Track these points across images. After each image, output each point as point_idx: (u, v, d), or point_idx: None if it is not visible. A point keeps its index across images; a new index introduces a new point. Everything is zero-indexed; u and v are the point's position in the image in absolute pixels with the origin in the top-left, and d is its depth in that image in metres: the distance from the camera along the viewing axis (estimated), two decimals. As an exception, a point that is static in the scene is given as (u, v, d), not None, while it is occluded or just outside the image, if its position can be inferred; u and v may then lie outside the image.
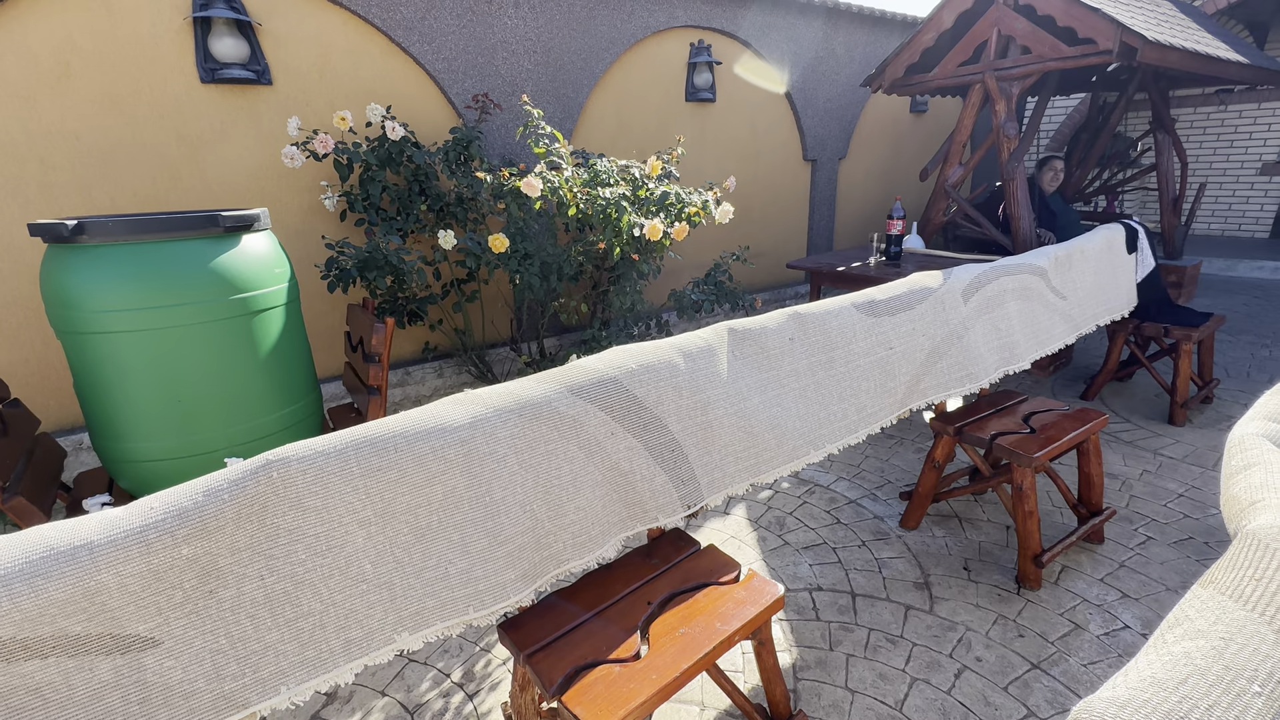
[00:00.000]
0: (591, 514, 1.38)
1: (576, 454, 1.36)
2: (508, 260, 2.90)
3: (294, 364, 2.12)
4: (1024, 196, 3.91)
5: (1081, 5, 3.24)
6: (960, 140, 4.16)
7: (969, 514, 2.50)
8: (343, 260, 2.88)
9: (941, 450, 2.26)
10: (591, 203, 2.77)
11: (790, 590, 2.11)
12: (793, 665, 1.80)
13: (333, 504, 1.09)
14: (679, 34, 4.62)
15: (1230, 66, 3.93)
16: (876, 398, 2.01)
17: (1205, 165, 7.49)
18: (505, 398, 1.29)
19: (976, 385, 2.19)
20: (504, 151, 3.93)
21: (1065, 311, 2.80)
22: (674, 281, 4.97)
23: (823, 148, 5.74)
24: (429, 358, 3.97)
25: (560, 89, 4.08)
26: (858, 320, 1.97)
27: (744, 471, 1.68)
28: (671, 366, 1.54)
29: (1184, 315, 3.41)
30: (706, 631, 1.28)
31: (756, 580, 1.45)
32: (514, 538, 1.26)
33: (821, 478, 2.84)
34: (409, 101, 3.60)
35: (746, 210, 5.39)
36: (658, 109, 4.65)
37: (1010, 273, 2.49)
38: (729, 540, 2.42)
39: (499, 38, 3.76)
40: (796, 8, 5.19)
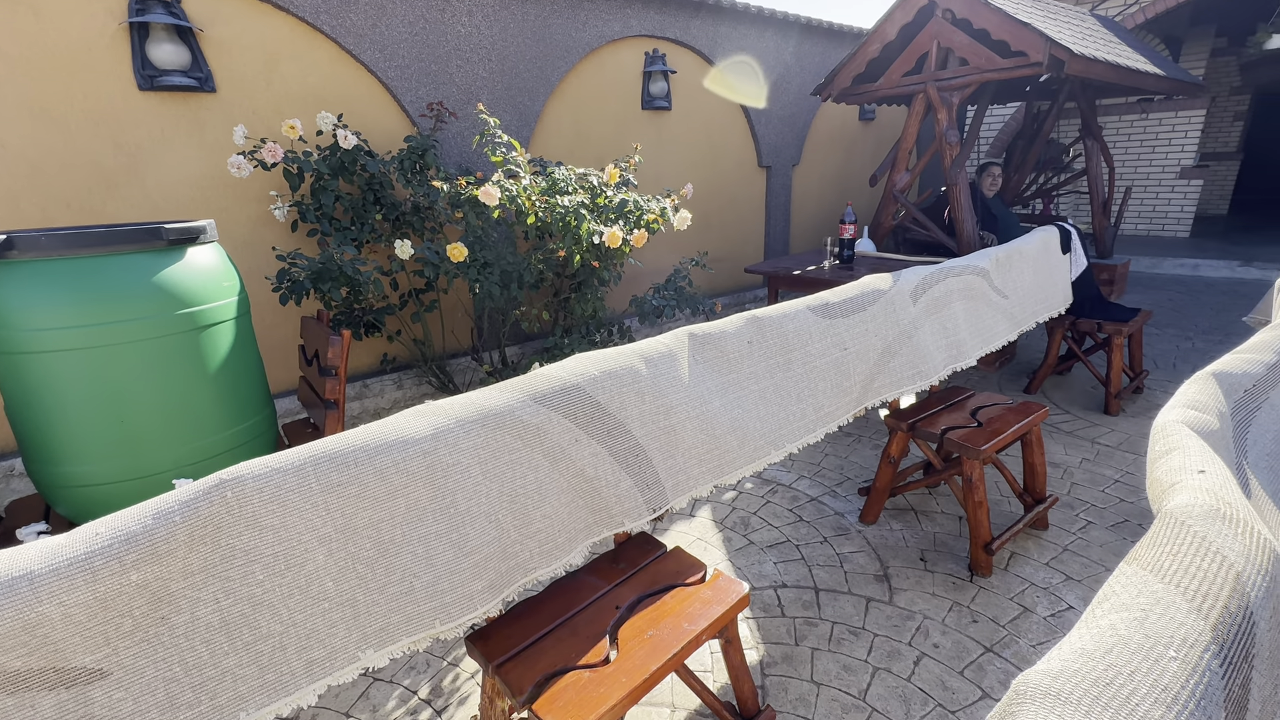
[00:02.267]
0: (558, 521, 1.38)
1: (541, 462, 1.36)
2: (467, 269, 2.88)
3: (245, 379, 2.05)
4: (967, 200, 4.09)
5: (1014, 20, 3.42)
6: (906, 147, 4.32)
7: (924, 506, 2.60)
8: (295, 272, 2.81)
9: (896, 446, 2.34)
10: (551, 211, 2.77)
11: (756, 589, 2.15)
12: (760, 662, 1.84)
13: (291, 522, 1.07)
14: (634, 43, 4.67)
15: (1148, 78, 4.21)
16: (833, 397, 2.08)
17: (1130, 169, 7.97)
18: (468, 408, 1.28)
19: (927, 382, 2.28)
20: (460, 160, 3.90)
21: (1007, 310, 2.94)
22: (635, 288, 5.00)
23: (777, 154, 5.88)
24: (388, 369, 3.90)
25: (516, 97, 4.08)
26: (813, 322, 2.03)
27: (708, 473, 1.71)
28: (634, 372, 1.56)
29: (1115, 311, 3.62)
30: (674, 632, 1.30)
31: (722, 580, 1.47)
32: (480, 548, 1.25)
33: (784, 477, 2.90)
34: (361, 109, 3.54)
35: (704, 216, 5.47)
36: (614, 117, 4.69)
37: (955, 274, 2.60)
38: (695, 542, 2.45)
39: (453, 45, 3.74)
40: (748, 18, 5.31)
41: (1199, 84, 4.98)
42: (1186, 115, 7.51)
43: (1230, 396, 1.42)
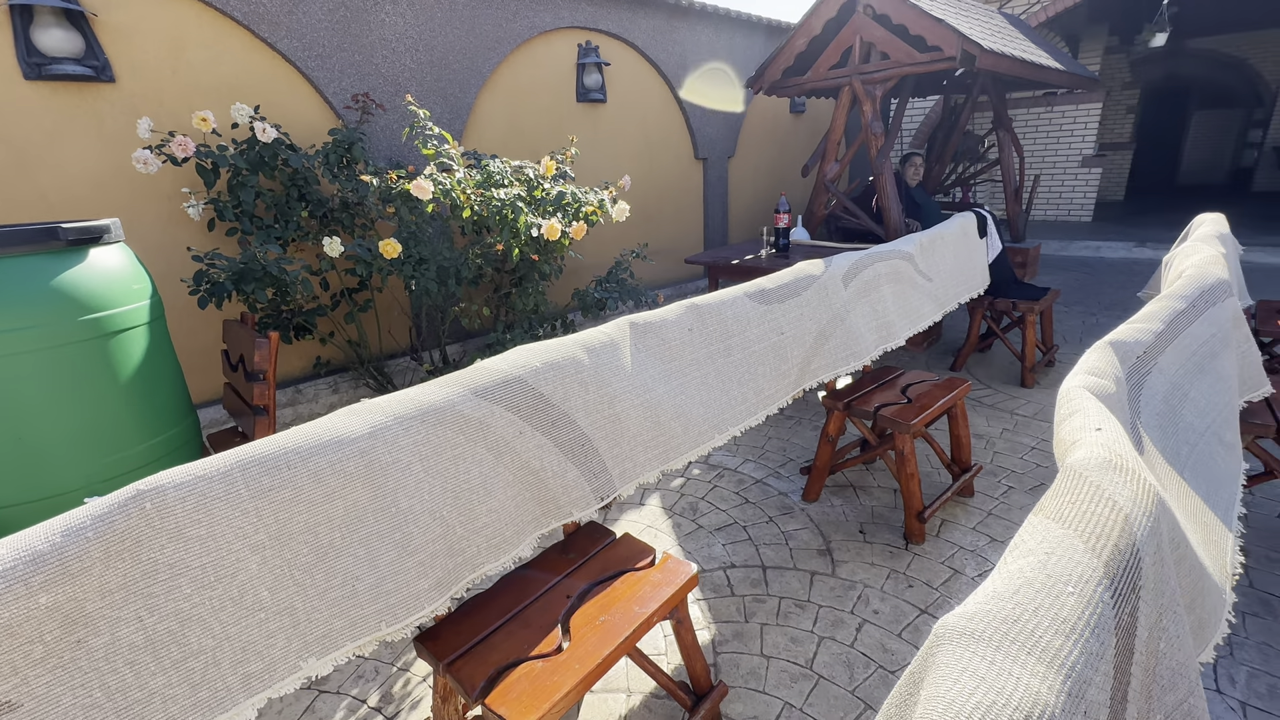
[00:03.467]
0: (504, 515, 1.37)
1: (485, 456, 1.35)
2: (401, 266, 2.79)
3: (162, 388, 1.93)
4: (893, 189, 4.27)
5: (929, 16, 3.58)
6: (834, 139, 4.47)
7: (862, 482, 2.72)
8: (214, 273, 2.66)
9: (833, 425, 2.44)
10: (486, 204, 2.72)
11: (706, 570, 2.20)
12: (712, 640, 1.89)
13: (220, 531, 1.02)
14: (566, 35, 4.63)
15: (1051, 72, 4.50)
16: (772, 380, 2.14)
17: (1038, 159, 8.52)
18: (406, 404, 1.26)
19: (860, 363, 2.38)
20: (391, 153, 3.77)
21: (932, 292, 3.09)
22: (577, 281, 4.98)
23: (712, 147, 5.96)
24: (322, 373, 3.74)
25: (447, 89, 3.97)
26: (751, 309, 2.09)
27: (654, 460, 1.73)
28: (576, 362, 1.56)
29: (1027, 291, 3.88)
30: (625, 617, 1.32)
31: (671, 562, 1.50)
32: (425, 546, 1.23)
33: (730, 461, 2.97)
34: (281, 101, 3.36)
35: (644, 208, 5.50)
36: (549, 109, 4.64)
37: (883, 258, 2.72)
38: (646, 529, 2.47)
39: (377, 35, 3.60)
40: (679, 12, 5.36)
41: (1095, 78, 5.37)
42: (1086, 108, 8.08)
43: (1125, 363, 1.55)
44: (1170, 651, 0.75)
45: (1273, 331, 2.97)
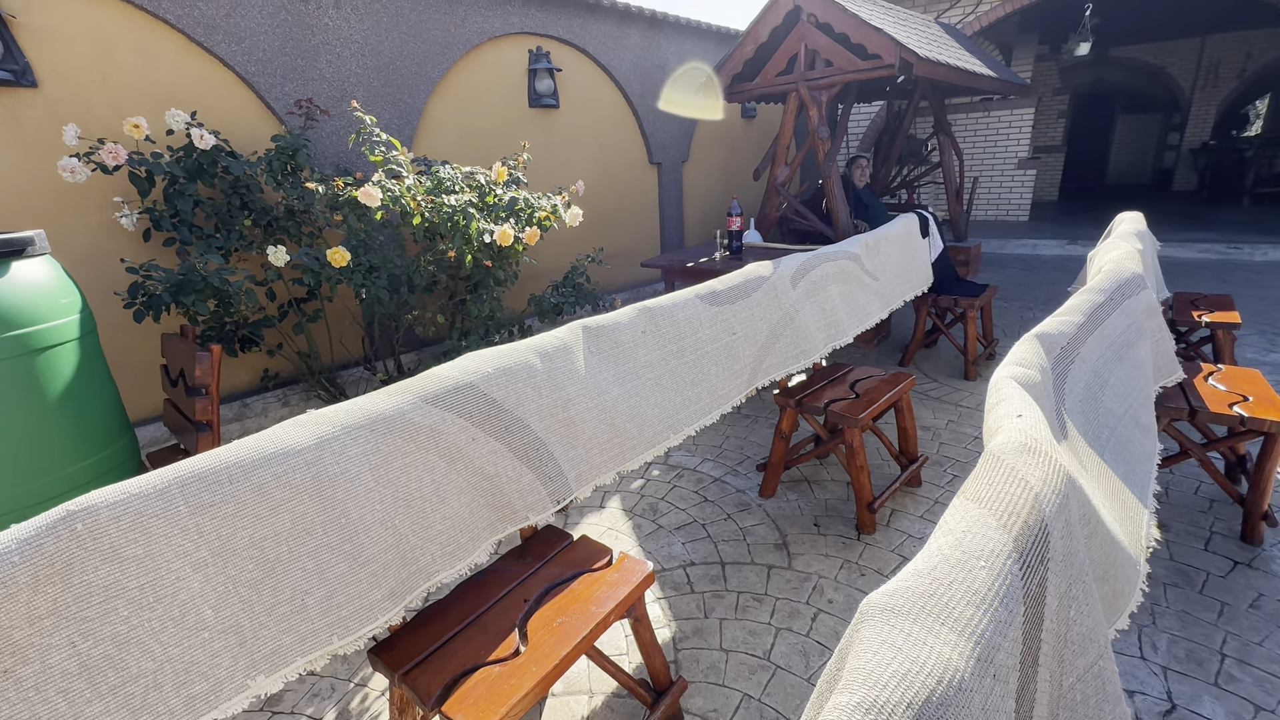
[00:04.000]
0: (459, 522, 1.37)
1: (437, 463, 1.34)
2: (351, 274, 2.74)
3: (95, 406, 1.85)
4: (840, 192, 4.41)
5: (868, 26, 3.72)
6: (783, 143, 4.59)
7: (816, 476, 2.79)
8: (150, 285, 2.55)
9: (786, 422, 2.50)
10: (437, 211, 2.70)
11: (666, 569, 2.23)
12: (673, 638, 1.91)
13: (158, 550, 1.00)
14: (517, 40, 4.62)
15: (984, 79, 4.73)
16: (725, 380, 2.19)
17: (978, 162, 8.90)
18: (354, 414, 1.24)
19: (810, 360, 2.45)
20: (338, 160, 3.69)
21: (878, 291, 3.21)
22: (533, 287, 4.97)
23: (666, 151, 6.03)
24: (270, 386, 3.63)
25: (395, 94, 3.92)
26: (702, 310, 2.13)
27: (610, 461, 1.75)
28: (529, 367, 1.57)
29: (968, 288, 4.05)
30: (583, 617, 1.33)
31: (628, 561, 1.52)
32: (377, 556, 1.22)
33: (689, 461, 3.01)
34: (220, 107, 3.26)
35: (599, 213, 5.52)
36: (501, 115, 4.62)
37: (830, 259, 2.81)
38: (607, 532, 2.49)
39: (321, 39, 3.53)
40: (629, 18, 5.41)
41: (1025, 84, 5.65)
42: (1019, 113, 8.49)
43: (1050, 353, 1.65)
44: (1080, 618, 0.81)
45: (1187, 321, 3.19)
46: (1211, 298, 3.43)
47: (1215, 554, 2.11)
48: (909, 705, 0.51)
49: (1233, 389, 2.26)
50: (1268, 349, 3.96)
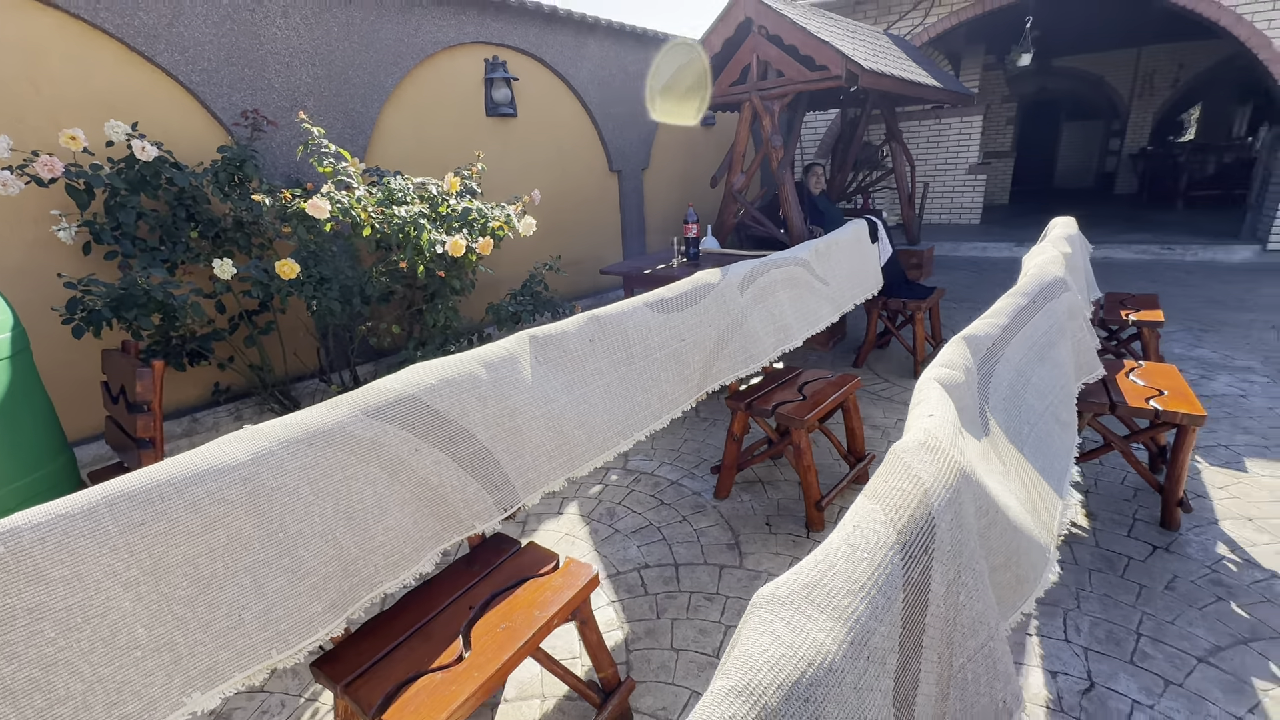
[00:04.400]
0: (402, 533, 1.38)
1: (379, 475, 1.36)
2: (301, 286, 2.71)
3: (30, 426, 1.81)
4: (794, 198, 4.52)
5: (815, 38, 3.84)
6: (739, 151, 4.69)
7: (769, 477, 2.87)
8: (90, 300, 2.49)
9: (737, 424, 2.57)
10: (388, 222, 2.70)
11: (620, 572, 2.27)
12: (626, 639, 1.95)
13: (86, 570, 1.00)
14: (472, 50, 4.63)
15: (929, 89, 4.91)
16: (675, 385, 2.24)
17: (931, 167, 9.20)
18: (292, 429, 1.25)
19: (759, 364, 2.52)
20: (289, 171, 3.65)
21: (829, 295, 3.31)
22: (494, 295, 4.96)
23: (626, 159, 6.09)
24: (222, 400, 3.55)
25: (348, 104, 3.89)
26: (651, 318, 2.18)
27: (558, 469, 1.78)
28: (474, 378, 1.59)
29: (916, 290, 4.20)
30: (526, 622, 1.36)
31: (573, 565, 1.56)
32: (317, 569, 1.23)
33: (647, 465, 3.06)
34: (164, 118, 3.19)
35: (560, 221, 5.54)
36: (457, 125, 4.61)
37: (779, 265, 2.89)
38: (563, 538, 2.51)
39: (269, 49, 3.48)
40: (586, 28, 5.46)
41: (969, 94, 5.88)
42: (969, 120, 8.81)
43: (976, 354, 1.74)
44: (970, 603, 0.88)
45: (1117, 320, 3.37)
46: (1139, 297, 3.63)
47: (1137, 540, 2.24)
48: (779, 686, 0.56)
49: (1151, 384, 2.41)
50: (1194, 344, 4.19)
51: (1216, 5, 5.99)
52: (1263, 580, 2.00)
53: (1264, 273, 6.04)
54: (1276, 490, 2.47)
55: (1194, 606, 1.91)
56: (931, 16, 7.35)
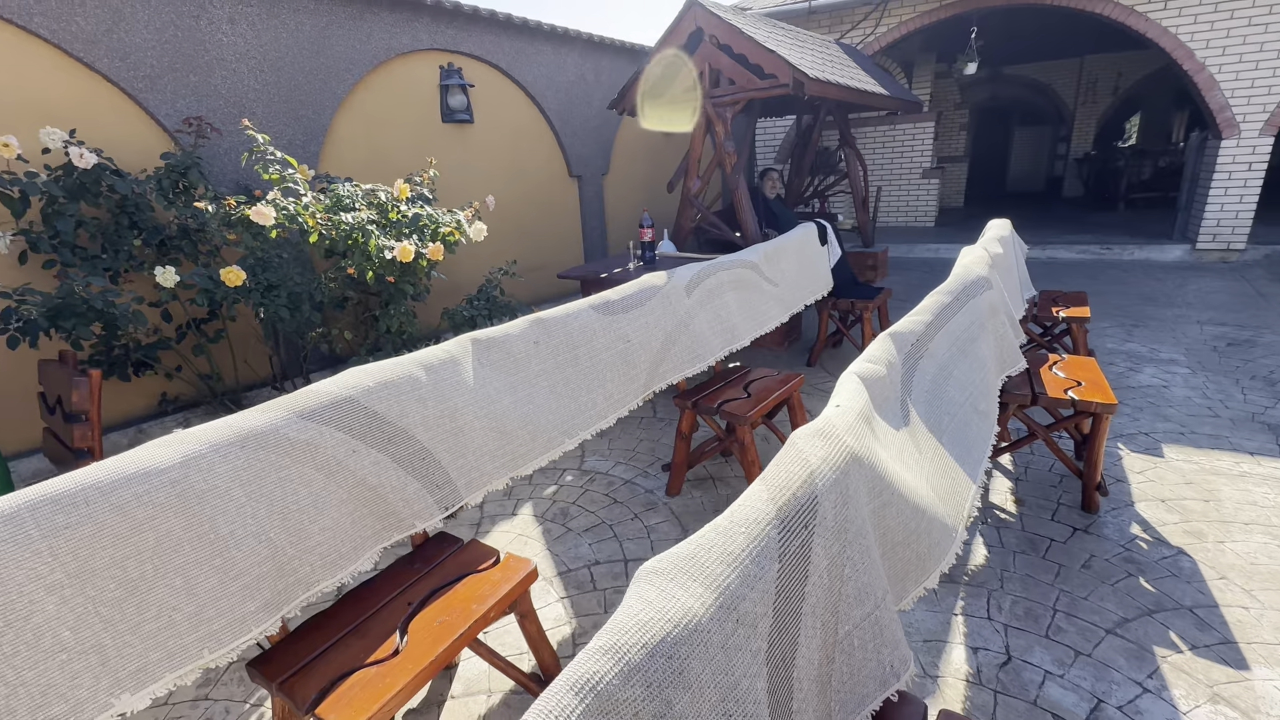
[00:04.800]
0: (340, 532, 1.41)
1: (315, 476, 1.38)
2: (249, 293, 2.70)
3: (-42, 438, 1.78)
4: (748, 203, 4.64)
5: (763, 48, 3.96)
6: (694, 156, 4.79)
7: (720, 474, 2.95)
8: (25, 310, 2.44)
9: (685, 423, 2.64)
10: (335, 228, 2.70)
11: (571, 569, 2.31)
12: (573, 634, 2.00)
13: (7, 574, 1.01)
14: (427, 56, 4.64)
15: (877, 97, 5.08)
16: (621, 385, 2.30)
17: (887, 171, 9.47)
18: (223, 431, 1.28)
19: (706, 364, 2.60)
20: (238, 178, 3.61)
21: (778, 296, 3.41)
22: (453, 301, 4.96)
23: (586, 164, 6.15)
24: (170, 410, 3.49)
25: (299, 110, 3.86)
26: (596, 320, 2.24)
27: (502, 468, 1.82)
28: (413, 380, 1.63)
29: (865, 291, 4.34)
30: (463, 615, 1.40)
31: (512, 560, 1.60)
32: (250, 569, 1.25)
33: (602, 465, 3.11)
34: (105, 124, 3.14)
35: (520, 226, 5.57)
36: (413, 131, 4.61)
37: (726, 268, 2.98)
38: (517, 538, 2.55)
39: (215, 55, 3.45)
40: (542, 35, 5.51)
41: (917, 101, 6.10)
42: (922, 126, 9.10)
43: (901, 350, 1.83)
44: (855, 575, 0.95)
45: (1049, 316, 3.55)
46: (1069, 295, 3.82)
47: (1059, 523, 2.38)
48: (644, 645, 0.62)
49: (1071, 376, 2.56)
50: (1125, 338, 4.43)
51: (1144, 19, 6.33)
52: (1170, 556, 2.14)
53: (1192, 270, 6.39)
54: (1188, 474, 2.64)
55: (1106, 583, 2.04)
56: (882, 26, 7.59)
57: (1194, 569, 2.07)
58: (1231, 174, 6.33)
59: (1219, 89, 6.20)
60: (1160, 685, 1.65)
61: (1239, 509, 2.37)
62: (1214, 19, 6.08)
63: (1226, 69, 6.14)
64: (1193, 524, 2.30)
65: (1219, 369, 3.74)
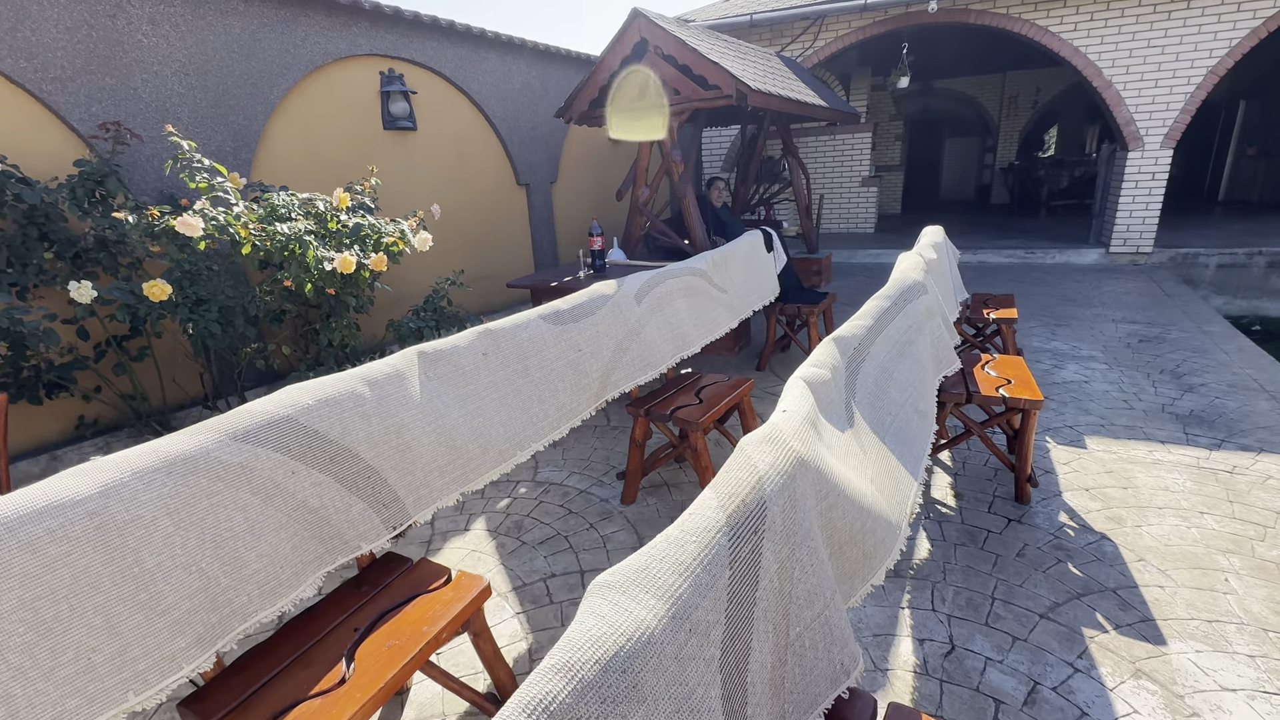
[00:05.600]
0: (279, 559, 1.35)
1: (251, 501, 1.32)
2: (175, 308, 2.55)
3: None
4: (695, 210, 4.70)
5: (706, 59, 4.04)
6: (642, 165, 4.83)
7: (674, 480, 2.97)
8: (-82, 331, 2.24)
9: (639, 430, 2.65)
10: (270, 239, 2.59)
11: (527, 584, 2.28)
12: (530, 650, 1.96)
13: (-104, 623, 0.92)
14: (367, 62, 4.52)
15: (816, 108, 5.26)
16: (573, 395, 2.29)
17: (829, 180, 9.79)
18: (147, 457, 1.20)
19: (657, 371, 2.62)
20: (162, 187, 3.42)
21: (727, 303, 3.47)
22: (399, 312, 4.83)
23: (534, 173, 6.11)
24: (89, 434, 3.25)
25: (229, 115, 3.69)
26: (546, 330, 2.22)
27: (452, 483, 1.78)
28: (356, 396, 1.57)
29: (810, 296, 4.47)
30: (413, 638, 1.36)
31: (464, 579, 1.57)
32: (180, 603, 1.18)
33: (556, 475, 3.08)
34: (10, 129, 2.91)
35: (467, 235, 5.48)
36: (353, 138, 4.48)
37: (675, 276, 3.01)
38: (470, 554, 2.49)
39: (134, 56, 3.26)
40: (486, 43, 5.46)
41: (855, 113, 6.34)
42: (859, 137, 9.46)
43: (845, 354, 1.89)
44: (804, 578, 0.97)
45: (980, 318, 3.74)
46: (998, 297, 4.04)
47: (995, 514, 2.50)
48: (597, 661, 0.61)
49: (1001, 374, 2.70)
50: (1050, 337, 4.70)
51: (1058, 39, 6.78)
52: (1094, 542, 2.28)
53: (1107, 273, 6.86)
54: (1108, 463, 2.82)
55: (1039, 570, 2.16)
56: (819, 41, 7.86)
57: (1115, 552, 2.22)
58: (1138, 183, 6.84)
59: (1125, 104, 6.70)
60: (1089, 665, 1.75)
61: (1153, 494, 2.55)
62: (1118, 40, 6.58)
63: (1130, 86, 6.64)
64: (1114, 510, 2.46)
65: (1133, 364, 4.03)
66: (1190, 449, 2.89)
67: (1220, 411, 3.25)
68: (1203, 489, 2.56)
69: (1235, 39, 6.21)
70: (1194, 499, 2.50)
